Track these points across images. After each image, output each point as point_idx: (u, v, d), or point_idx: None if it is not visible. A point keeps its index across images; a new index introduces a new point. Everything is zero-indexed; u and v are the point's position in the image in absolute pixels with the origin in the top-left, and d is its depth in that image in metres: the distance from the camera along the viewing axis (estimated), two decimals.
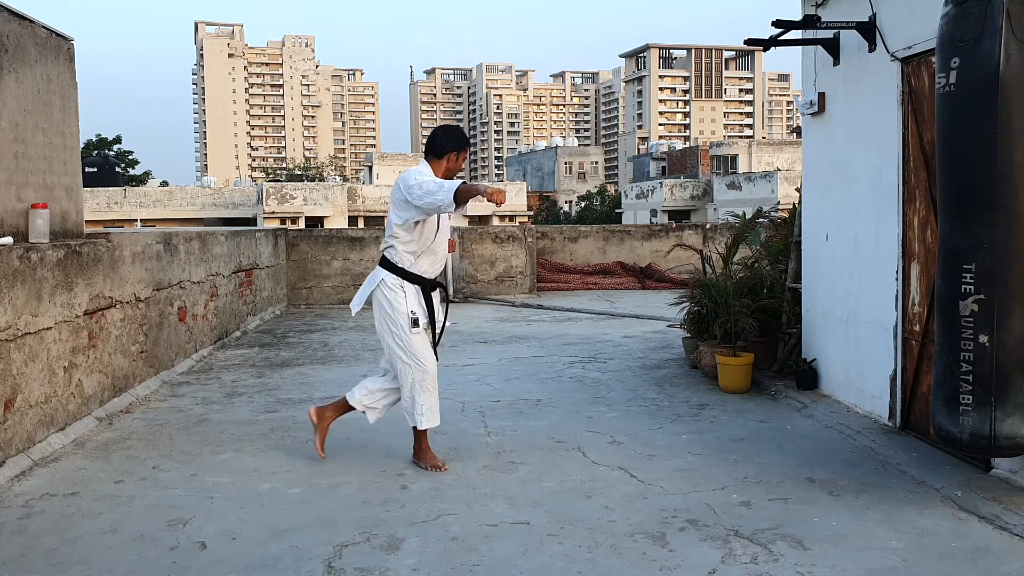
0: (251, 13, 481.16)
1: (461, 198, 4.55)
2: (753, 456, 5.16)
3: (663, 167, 72.26)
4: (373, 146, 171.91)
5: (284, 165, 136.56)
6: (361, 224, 48.27)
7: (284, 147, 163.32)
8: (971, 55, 3.84)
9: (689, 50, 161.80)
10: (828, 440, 5.51)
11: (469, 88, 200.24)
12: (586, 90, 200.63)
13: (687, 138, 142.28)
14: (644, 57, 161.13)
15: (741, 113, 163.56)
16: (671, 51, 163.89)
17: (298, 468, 4.91)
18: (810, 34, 6.35)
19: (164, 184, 69.96)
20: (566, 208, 72.83)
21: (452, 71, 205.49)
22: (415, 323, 4.84)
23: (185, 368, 7.99)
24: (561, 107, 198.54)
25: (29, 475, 4.82)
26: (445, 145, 4.95)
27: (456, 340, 9.93)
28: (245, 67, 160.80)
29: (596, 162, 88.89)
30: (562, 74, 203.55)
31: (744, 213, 9.16)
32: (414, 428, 4.95)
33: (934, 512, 4.20)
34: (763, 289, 7.55)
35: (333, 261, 13.60)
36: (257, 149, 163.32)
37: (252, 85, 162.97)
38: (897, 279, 5.52)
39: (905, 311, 5.48)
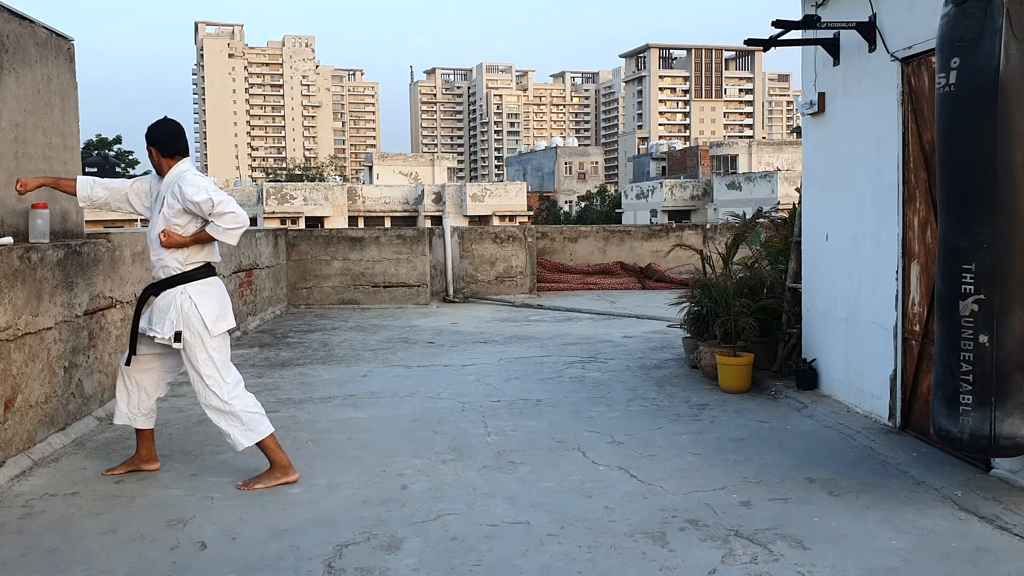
0: (251, 13, 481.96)
1: None
2: (753, 456, 5.16)
3: (663, 167, 72.24)
4: (373, 146, 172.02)
5: (284, 165, 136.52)
6: (361, 224, 48.28)
7: (284, 147, 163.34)
8: (971, 55, 3.85)
9: (689, 50, 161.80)
10: (828, 440, 5.51)
11: (469, 88, 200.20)
12: (586, 90, 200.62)
13: (687, 138, 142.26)
14: (644, 57, 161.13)
15: (741, 113, 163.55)
16: (671, 51, 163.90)
17: (298, 468, 4.90)
18: (810, 34, 6.35)
19: None
20: (566, 208, 72.79)
21: (452, 71, 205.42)
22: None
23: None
24: (561, 107, 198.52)
25: (29, 475, 4.82)
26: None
27: (456, 340, 9.94)
28: (245, 67, 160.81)
29: (596, 162, 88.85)
30: (562, 74, 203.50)
31: (744, 213, 9.17)
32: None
33: (934, 512, 4.20)
34: (763, 289, 7.55)
35: (333, 261, 13.60)
36: (257, 149, 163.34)
37: (252, 85, 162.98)
38: (897, 279, 5.52)
39: (905, 311, 5.49)
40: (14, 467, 4.80)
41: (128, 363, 4.83)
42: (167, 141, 4.73)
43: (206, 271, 4.73)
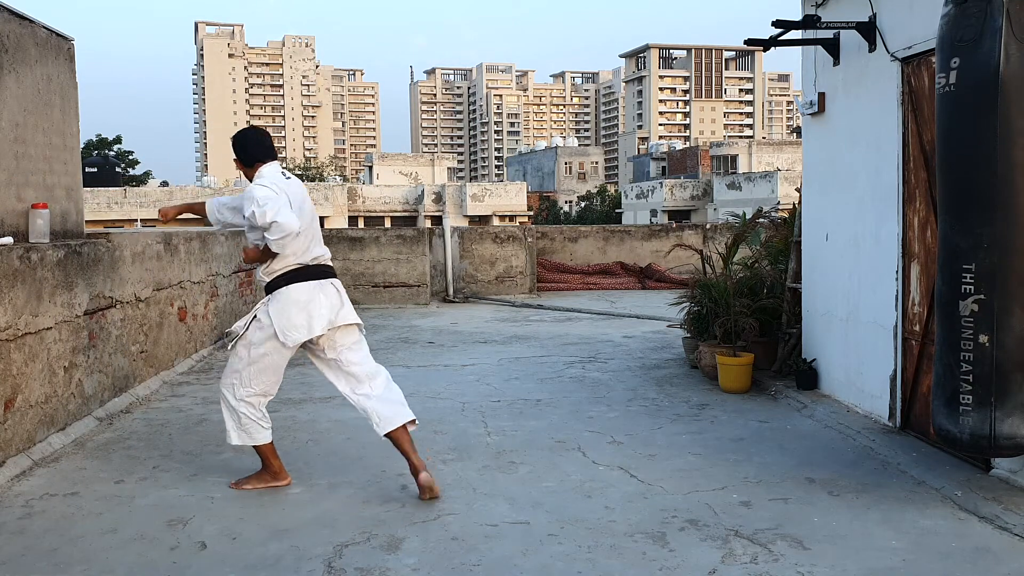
0: (251, 13, 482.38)
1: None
2: (753, 456, 5.16)
3: (663, 167, 72.24)
4: (373, 146, 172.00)
5: (284, 165, 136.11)
6: (361, 224, 48.26)
7: (284, 147, 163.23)
8: (971, 55, 3.85)
9: (689, 50, 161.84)
10: (828, 440, 5.51)
11: (469, 88, 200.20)
12: (586, 90, 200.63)
13: (687, 138, 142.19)
14: (644, 57, 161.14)
15: (741, 113, 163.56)
16: (671, 51, 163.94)
17: (298, 468, 4.91)
18: (810, 34, 6.35)
19: (164, 184, 69.82)
20: (566, 208, 72.76)
21: (452, 71, 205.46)
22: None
23: (185, 368, 7.99)
24: (561, 107, 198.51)
25: (29, 475, 4.82)
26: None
27: (456, 340, 9.94)
28: (245, 67, 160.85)
29: (596, 162, 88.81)
30: (562, 74, 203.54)
31: (744, 213, 9.16)
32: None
33: (934, 512, 4.20)
34: (763, 289, 7.55)
35: (333, 261, 13.58)
36: None
37: (252, 85, 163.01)
38: (897, 279, 5.52)
39: (905, 311, 5.49)
40: (14, 467, 4.80)
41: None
42: (243, 151, 4.64)
43: (289, 278, 4.58)
